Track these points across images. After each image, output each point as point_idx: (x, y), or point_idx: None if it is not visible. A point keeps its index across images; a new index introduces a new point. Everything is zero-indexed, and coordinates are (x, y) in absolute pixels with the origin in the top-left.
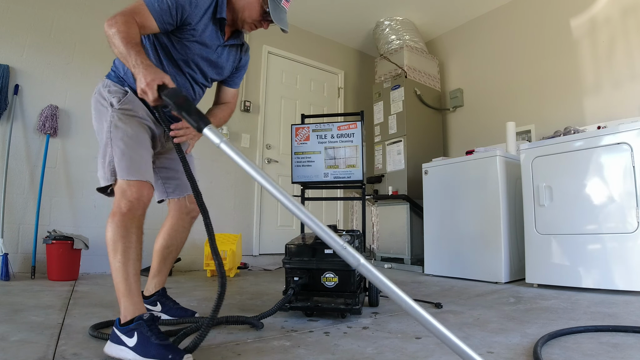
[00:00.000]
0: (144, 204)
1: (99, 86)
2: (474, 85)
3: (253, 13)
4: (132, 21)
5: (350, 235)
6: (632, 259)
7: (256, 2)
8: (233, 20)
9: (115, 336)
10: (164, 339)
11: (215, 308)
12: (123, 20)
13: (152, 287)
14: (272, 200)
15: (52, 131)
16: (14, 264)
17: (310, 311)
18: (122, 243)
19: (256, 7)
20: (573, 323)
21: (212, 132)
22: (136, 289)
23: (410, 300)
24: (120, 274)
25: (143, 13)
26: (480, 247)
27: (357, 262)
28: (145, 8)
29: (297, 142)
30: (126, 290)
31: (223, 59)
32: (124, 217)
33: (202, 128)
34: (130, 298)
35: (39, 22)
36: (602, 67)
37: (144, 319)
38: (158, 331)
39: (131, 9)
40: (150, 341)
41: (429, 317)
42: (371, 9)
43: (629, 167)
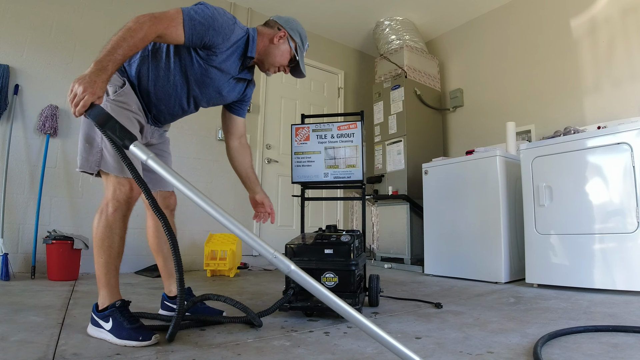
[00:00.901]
0: (131, 203)
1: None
2: (474, 85)
3: (284, 60)
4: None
5: (350, 235)
6: (632, 259)
7: (288, 52)
8: (258, 60)
9: (94, 320)
10: (134, 323)
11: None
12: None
13: (174, 287)
14: (272, 200)
15: (52, 131)
16: (14, 264)
17: (310, 311)
18: (106, 241)
19: (286, 55)
20: (573, 323)
21: (138, 149)
22: (114, 282)
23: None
24: (102, 268)
25: (176, 25)
26: (480, 247)
27: (288, 269)
28: (181, 20)
29: (297, 142)
30: (106, 282)
31: (230, 89)
32: (110, 217)
33: (128, 145)
34: (108, 289)
35: (39, 22)
36: (602, 67)
37: (116, 307)
38: (130, 316)
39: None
40: (123, 325)
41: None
42: (371, 9)
43: (629, 167)
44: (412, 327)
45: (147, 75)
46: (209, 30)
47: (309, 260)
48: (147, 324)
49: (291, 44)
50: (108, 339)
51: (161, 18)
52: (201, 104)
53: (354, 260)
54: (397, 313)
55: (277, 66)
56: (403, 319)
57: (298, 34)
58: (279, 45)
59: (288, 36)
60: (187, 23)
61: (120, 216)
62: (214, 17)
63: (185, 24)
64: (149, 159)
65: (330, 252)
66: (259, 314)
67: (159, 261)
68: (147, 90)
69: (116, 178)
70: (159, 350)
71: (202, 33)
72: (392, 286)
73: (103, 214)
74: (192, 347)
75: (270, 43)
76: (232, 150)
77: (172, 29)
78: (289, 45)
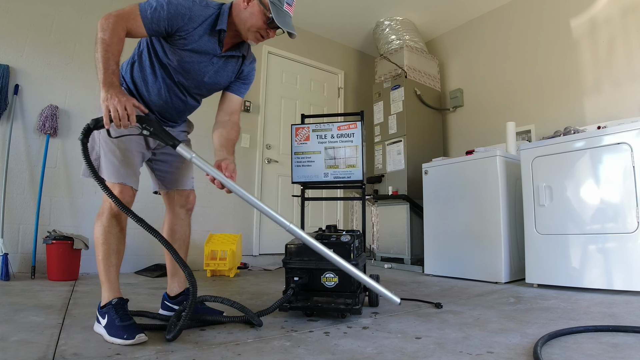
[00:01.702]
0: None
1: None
2: (474, 85)
3: (257, 21)
4: (121, 30)
5: (350, 235)
6: (632, 259)
7: (258, 11)
8: (237, 32)
9: (97, 316)
10: (126, 321)
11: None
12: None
13: (177, 287)
14: (272, 200)
15: (52, 131)
16: (14, 264)
17: (310, 311)
18: (105, 241)
19: (259, 15)
20: (573, 323)
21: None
22: (114, 279)
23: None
24: (102, 266)
25: (135, 18)
26: (480, 247)
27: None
28: (138, 14)
29: (297, 142)
30: (106, 279)
31: (219, 69)
32: (106, 219)
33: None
34: (108, 286)
35: (39, 22)
36: (602, 67)
37: (112, 304)
38: (123, 314)
39: (125, 14)
40: (115, 323)
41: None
42: (371, 9)
43: (629, 167)
44: (412, 327)
45: (139, 78)
46: (166, 16)
47: (309, 260)
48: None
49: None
50: (103, 334)
51: (121, 15)
52: (194, 92)
53: (354, 260)
54: (397, 313)
55: (254, 31)
56: (403, 319)
57: None
58: (248, 8)
59: None
60: (143, 15)
61: (113, 217)
62: (168, 2)
63: (142, 16)
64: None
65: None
66: (259, 314)
67: (167, 259)
68: (143, 93)
69: (110, 184)
70: (159, 350)
71: (159, 21)
72: (392, 286)
73: (99, 216)
74: (192, 347)
75: (238, 9)
76: (217, 124)
77: (132, 22)
78: (259, 5)
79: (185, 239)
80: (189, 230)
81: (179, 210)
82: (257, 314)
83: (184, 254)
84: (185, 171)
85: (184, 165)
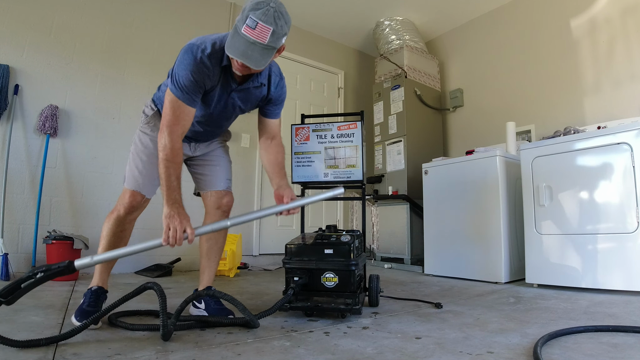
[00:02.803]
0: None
1: (147, 102)
2: (474, 85)
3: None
4: (177, 138)
5: (350, 236)
6: (632, 259)
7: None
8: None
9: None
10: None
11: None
12: (170, 144)
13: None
14: (272, 201)
15: (52, 131)
16: (14, 264)
17: (310, 311)
18: (106, 230)
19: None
20: (573, 323)
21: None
22: (104, 271)
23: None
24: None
25: (180, 107)
26: (480, 247)
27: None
28: (180, 102)
29: (297, 142)
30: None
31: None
32: (114, 219)
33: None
34: (98, 276)
35: (39, 22)
36: (602, 67)
37: (91, 290)
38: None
39: (174, 115)
40: (82, 305)
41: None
42: (371, 9)
43: (629, 167)
44: (412, 327)
45: None
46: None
47: (309, 260)
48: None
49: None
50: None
51: (171, 121)
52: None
53: (354, 260)
54: (397, 313)
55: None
56: (403, 319)
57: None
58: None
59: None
60: (184, 98)
61: (119, 215)
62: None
63: (183, 100)
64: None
65: (330, 252)
66: (259, 315)
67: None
68: None
69: (124, 189)
70: (159, 351)
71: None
72: (392, 286)
73: (109, 214)
74: (192, 347)
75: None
76: (262, 149)
77: (182, 114)
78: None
79: (217, 240)
80: (224, 233)
81: (214, 212)
82: (257, 316)
83: (215, 255)
84: (221, 173)
85: (219, 167)
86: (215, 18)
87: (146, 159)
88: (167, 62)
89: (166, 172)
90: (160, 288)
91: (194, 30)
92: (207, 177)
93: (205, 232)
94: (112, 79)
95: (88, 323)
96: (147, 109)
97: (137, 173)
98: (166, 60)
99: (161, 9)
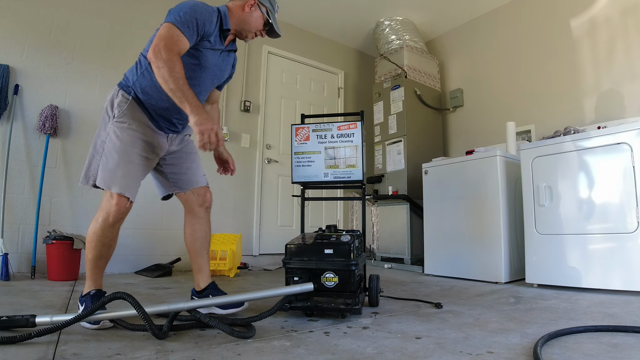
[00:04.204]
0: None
1: (111, 94)
2: (474, 85)
3: (258, 24)
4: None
5: (350, 235)
6: (632, 259)
7: (260, 16)
8: (236, 31)
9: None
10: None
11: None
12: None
13: (202, 282)
14: (272, 200)
15: (52, 131)
16: (14, 264)
17: (310, 311)
18: (95, 247)
19: (259, 20)
20: (573, 323)
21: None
22: (97, 276)
23: None
24: (90, 266)
25: (180, 39)
26: (480, 247)
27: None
28: (180, 33)
29: (297, 142)
30: (90, 275)
31: (224, 63)
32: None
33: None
34: (91, 281)
35: (39, 22)
36: (602, 67)
37: (90, 295)
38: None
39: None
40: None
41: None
42: (371, 9)
43: (629, 167)
44: (412, 327)
45: (151, 87)
46: (199, 23)
47: (309, 260)
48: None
49: (262, 9)
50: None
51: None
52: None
53: (354, 260)
54: (397, 313)
55: (253, 31)
56: (403, 319)
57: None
58: (252, 13)
59: (258, 2)
60: (184, 30)
61: (106, 226)
62: (194, 10)
63: (183, 32)
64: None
65: (330, 252)
66: (260, 316)
67: (190, 256)
68: (154, 101)
69: (109, 193)
70: (159, 351)
71: (197, 29)
72: (392, 286)
73: (95, 220)
74: (192, 347)
75: (242, 12)
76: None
77: (180, 44)
78: (260, 10)
79: (207, 237)
80: (209, 228)
81: (198, 210)
82: (257, 317)
83: (207, 252)
84: (198, 169)
85: (194, 164)
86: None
87: (125, 156)
88: None
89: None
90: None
91: None
92: (186, 176)
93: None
94: (112, 79)
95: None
96: (119, 99)
97: (121, 173)
98: None
99: (161, 9)
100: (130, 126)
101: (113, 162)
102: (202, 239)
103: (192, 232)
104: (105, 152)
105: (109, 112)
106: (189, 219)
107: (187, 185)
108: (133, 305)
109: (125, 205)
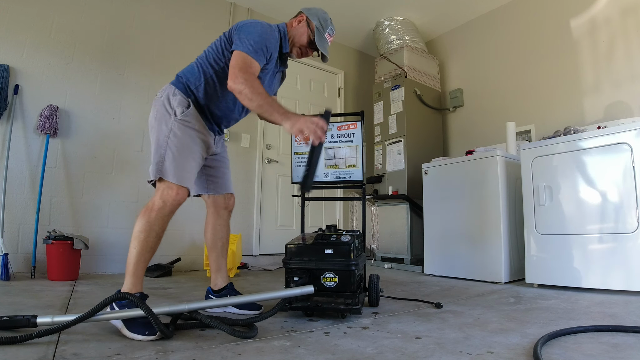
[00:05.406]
0: (175, 206)
1: (167, 91)
2: (474, 85)
3: (302, 40)
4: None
5: (350, 235)
6: (632, 259)
7: (305, 32)
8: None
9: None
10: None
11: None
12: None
13: (221, 282)
14: (272, 200)
15: (52, 131)
16: (14, 264)
17: (310, 311)
18: (143, 236)
19: (304, 35)
20: (573, 323)
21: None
22: (141, 273)
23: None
24: (133, 258)
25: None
26: (480, 247)
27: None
28: (253, 60)
29: (297, 142)
30: (133, 271)
31: (275, 79)
32: (152, 214)
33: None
34: (133, 278)
35: (39, 22)
36: (602, 67)
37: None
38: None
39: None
40: (136, 318)
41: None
42: (371, 9)
43: (629, 167)
44: (412, 327)
45: (212, 96)
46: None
47: (309, 260)
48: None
49: (310, 26)
50: (119, 327)
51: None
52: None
53: (354, 260)
54: (397, 313)
55: (298, 47)
56: (403, 319)
57: (317, 18)
58: (298, 28)
59: (306, 19)
60: (256, 57)
61: (162, 215)
62: (263, 37)
63: (256, 59)
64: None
65: (330, 252)
66: (260, 317)
67: (211, 255)
68: (213, 107)
69: (168, 183)
70: (158, 351)
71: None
72: (392, 286)
73: (147, 210)
74: (192, 347)
75: (292, 27)
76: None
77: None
78: (307, 27)
79: (227, 237)
80: (229, 229)
81: (222, 212)
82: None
83: (226, 253)
84: (229, 176)
85: (228, 171)
86: (215, 18)
87: (190, 154)
88: (167, 62)
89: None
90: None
91: (194, 30)
92: (221, 180)
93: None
94: (112, 79)
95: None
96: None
97: (188, 168)
98: (166, 60)
99: (161, 9)
100: (194, 126)
101: (181, 156)
102: (224, 239)
103: (214, 232)
104: (169, 147)
105: (168, 110)
106: (212, 219)
107: (221, 189)
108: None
109: (185, 197)
